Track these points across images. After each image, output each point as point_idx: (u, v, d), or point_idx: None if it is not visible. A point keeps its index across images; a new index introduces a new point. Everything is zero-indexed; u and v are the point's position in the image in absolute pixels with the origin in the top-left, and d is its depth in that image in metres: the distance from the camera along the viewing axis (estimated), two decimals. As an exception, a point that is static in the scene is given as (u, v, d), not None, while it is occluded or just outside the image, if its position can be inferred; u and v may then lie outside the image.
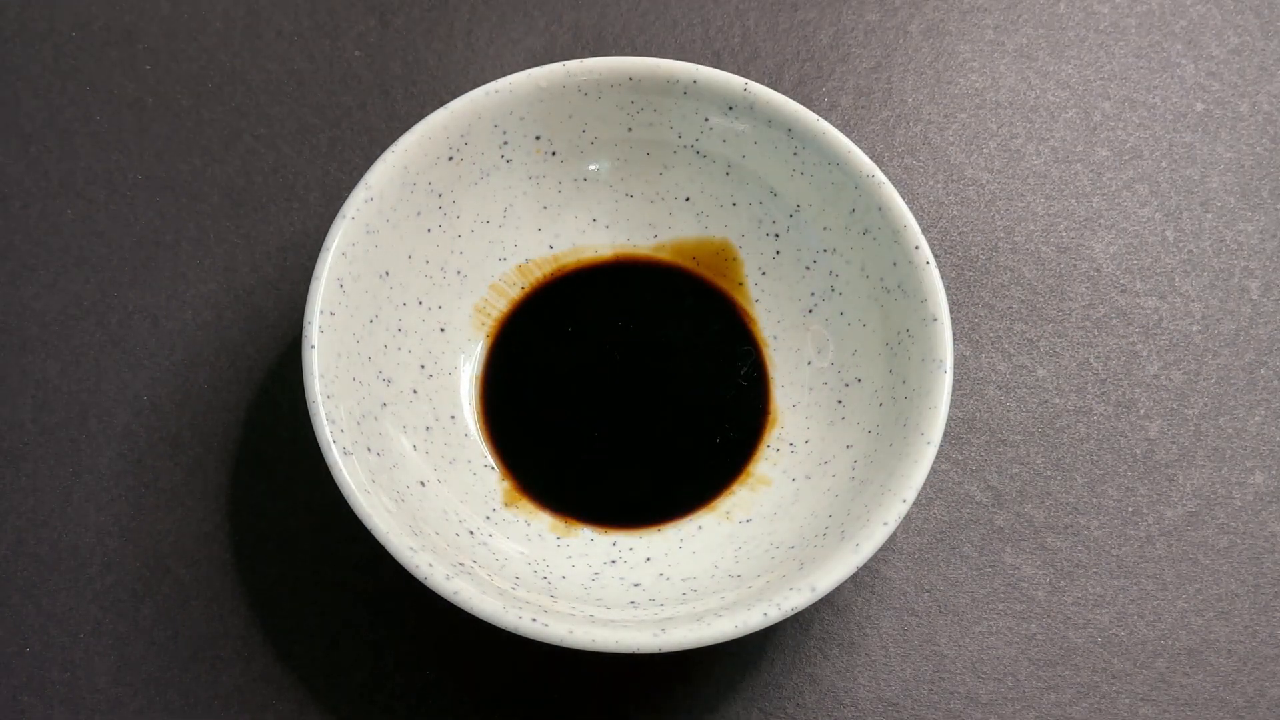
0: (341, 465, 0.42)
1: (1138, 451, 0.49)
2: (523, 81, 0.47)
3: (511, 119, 0.47)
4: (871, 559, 0.45)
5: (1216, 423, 0.49)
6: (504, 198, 0.49)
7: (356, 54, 0.54)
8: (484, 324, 0.49)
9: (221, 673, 0.46)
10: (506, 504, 0.46)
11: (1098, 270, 0.51)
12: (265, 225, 0.52)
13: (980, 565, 0.47)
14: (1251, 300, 0.51)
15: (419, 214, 0.47)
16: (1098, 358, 0.50)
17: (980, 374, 0.50)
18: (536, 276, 0.49)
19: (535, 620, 0.41)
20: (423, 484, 0.45)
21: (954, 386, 0.48)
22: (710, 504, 0.47)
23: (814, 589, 0.41)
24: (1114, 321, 0.51)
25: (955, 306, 0.51)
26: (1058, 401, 0.50)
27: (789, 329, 0.48)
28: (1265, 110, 0.55)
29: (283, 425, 0.49)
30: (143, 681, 0.46)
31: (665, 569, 0.45)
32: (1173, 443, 0.49)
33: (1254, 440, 0.49)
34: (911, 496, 0.42)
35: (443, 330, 0.48)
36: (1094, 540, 0.48)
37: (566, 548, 0.46)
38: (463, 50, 0.54)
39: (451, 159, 0.47)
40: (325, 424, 0.42)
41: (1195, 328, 0.51)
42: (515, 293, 0.49)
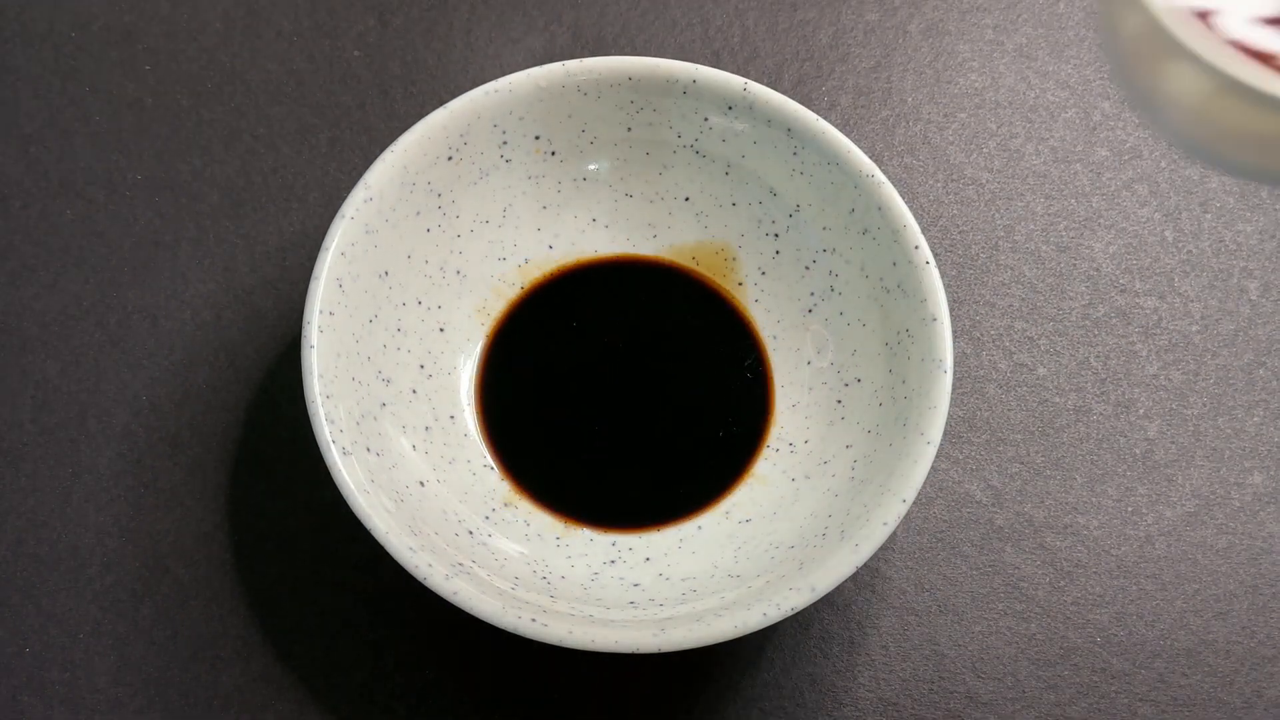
0: (341, 465, 0.42)
1: (1137, 451, 0.49)
2: (522, 81, 0.47)
3: (511, 119, 0.47)
4: (871, 559, 0.45)
5: (1215, 423, 0.49)
6: (503, 198, 0.49)
7: (356, 54, 0.54)
8: (483, 324, 0.49)
9: (221, 673, 0.46)
10: (506, 504, 0.46)
11: (1097, 270, 0.51)
12: (265, 225, 0.52)
13: (980, 565, 0.47)
14: (1251, 301, 0.51)
15: (418, 214, 0.47)
16: (1097, 357, 0.50)
17: (981, 372, 0.50)
18: (536, 276, 0.49)
19: (535, 620, 0.41)
20: (422, 484, 0.45)
21: (954, 385, 0.48)
22: (710, 504, 0.47)
23: (814, 589, 0.41)
24: (1113, 321, 0.51)
25: (955, 304, 0.51)
26: (1058, 401, 0.50)
27: (789, 329, 0.48)
28: (1265, 110, 0.55)
29: (282, 425, 0.49)
30: (142, 681, 0.46)
31: (665, 569, 0.45)
32: (1172, 443, 0.49)
33: (1253, 441, 0.49)
34: (911, 496, 0.42)
35: (442, 330, 0.48)
36: (1094, 540, 0.48)
37: (566, 548, 0.46)
38: (462, 50, 0.54)
39: (451, 159, 0.47)
40: (324, 424, 0.42)
41: (1194, 328, 0.51)
42: (514, 293, 0.49)
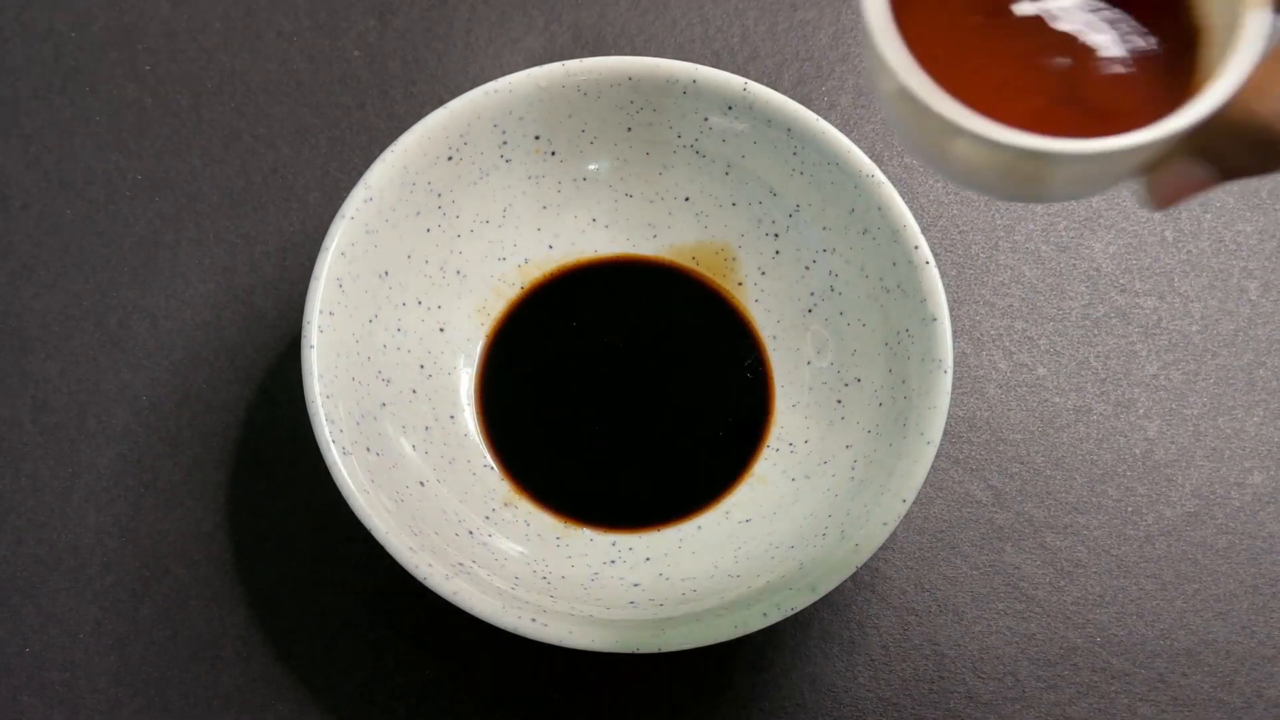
0: (341, 465, 0.42)
1: (1137, 451, 0.49)
2: (522, 81, 0.47)
3: (511, 119, 0.47)
4: (871, 558, 0.45)
5: (1215, 423, 0.49)
6: (503, 198, 0.49)
7: (356, 54, 0.54)
8: (483, 324, 0.49)
9: (221, 673, 0.46)
10: (506, 504, 0.46)
11: (1097, 270, 0.51)
12: (264, 225, 0.52)
13: (980, 564, 0.47)
14: (1250, 300, 0.51)
15: (418, 214, 0.47)
16: (1097, 357, 0.50)
17: (981, 372, 0.50)
18: (536, 276, 0.49)
19: (535, 620, 0.41)
20: (422, 484, 0.45)
21: (954, 385, 0.48)
22: (710, 504, 0.47)
23: (814, 589, 0.41)
24: (1113, 321, 0.51)
25: (955, 304, 0.51)
26: (1058, 400, 0.50)
27: (788, 329, 0.48)
28: (1265, 110, 0.55)
29: (282, 425, 0.49)
30: (142, 681, 0.46)
31: (665, 569, 0.45)
32: (1172, 443, 0.49)
33: (1253, 440, 0.49)
34: (911, 496, 0.42)
35: (442, 330, 0.48)
36: (1094, 540, 0.48)
37: (566, 548, 0.46)
38: (462, 50, 0.54)
39: (451, 159, 0.47)
40: (324, 424, 0.42)
41: (1194, 328, 0.51)
42: (514, 293, 0.49)
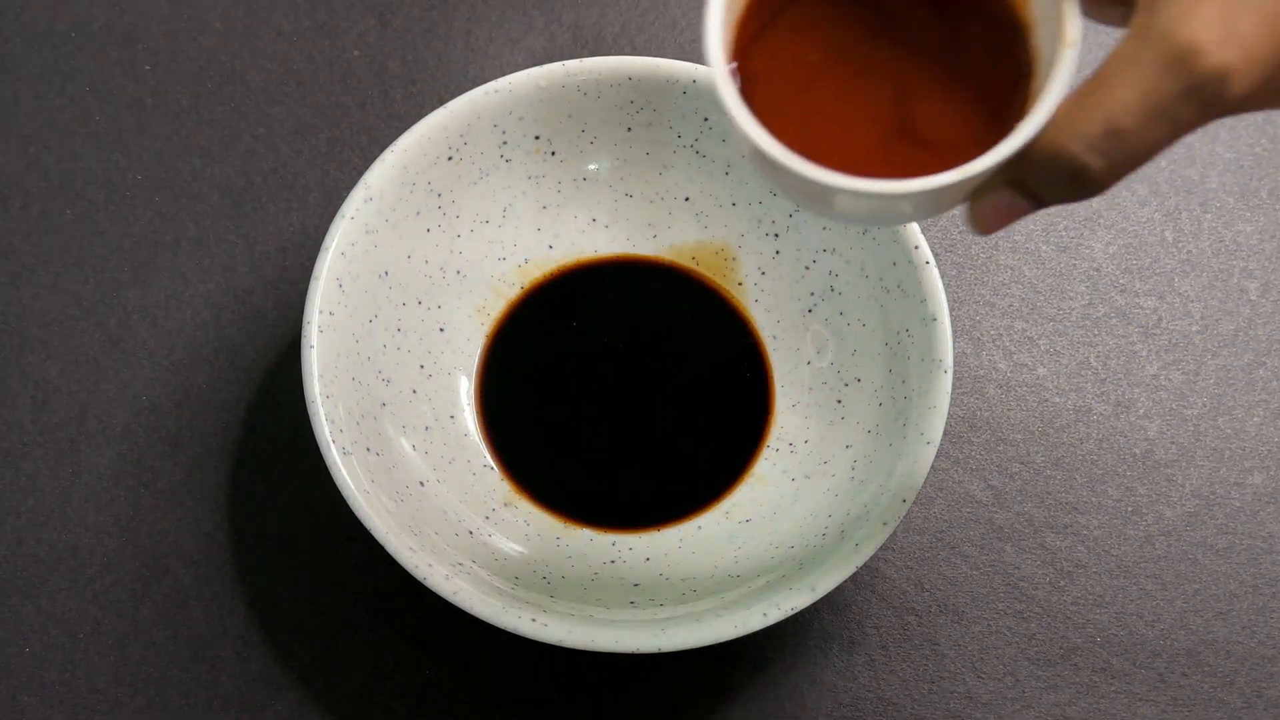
0: (341, 465, 0.42)
1: (1137, 451, 0.49)
2: (522, 81, 0.47)
3: (511, 119, 0.47)
4: (871, 558, 0.45)
5: (1215, 423, 0.49)
6: (503, 198, 0.49)
7: (356, 54, 0.54)
8: (483, 324, 0.49)
9: (221, 673, 0.46)
10: (506, 504, 0.46)
11: (1097, 270, 0.51)
12: (265, 225, 0.52)
13: (980, 564, 0.47)
14: (1250, 301, 0.51)
15: (418, 214, 0.47)
16: (1097, 357, 0.50)
17: (981, 372, 0.50)
18: (536, 276, 0.49)
19: (535, 620, 0.41)
20: (422, 484, 0.45)
21: (954, 385, 0.48)
22: (710, 504, 0.47)
23: (814, 589, 0.41)
24: (1113, 321, 0.51)
25: (955, 304, 0.51)
26: (1058, 400, 0.50)
27: (789, 329, 0.48)
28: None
29: (282, 425, 0.49)
30: (142, 681, 0.46)
31: (665, 569, 0.45)
32: (1172, 443, 0.49)
33: (1253, 441, 0.49)
34: (911, 496, 0.42)
35: (442, 330, 0.48)
36: (1094, 540, 0.48)
37: (566, 548, 0.46)
38: (462, 50, 0.54)
39: (451, 159, 0.47)
40: (324, 424, 0.42)
41: (1194, 328, 0.51)
42: (514, 293, 0.49)
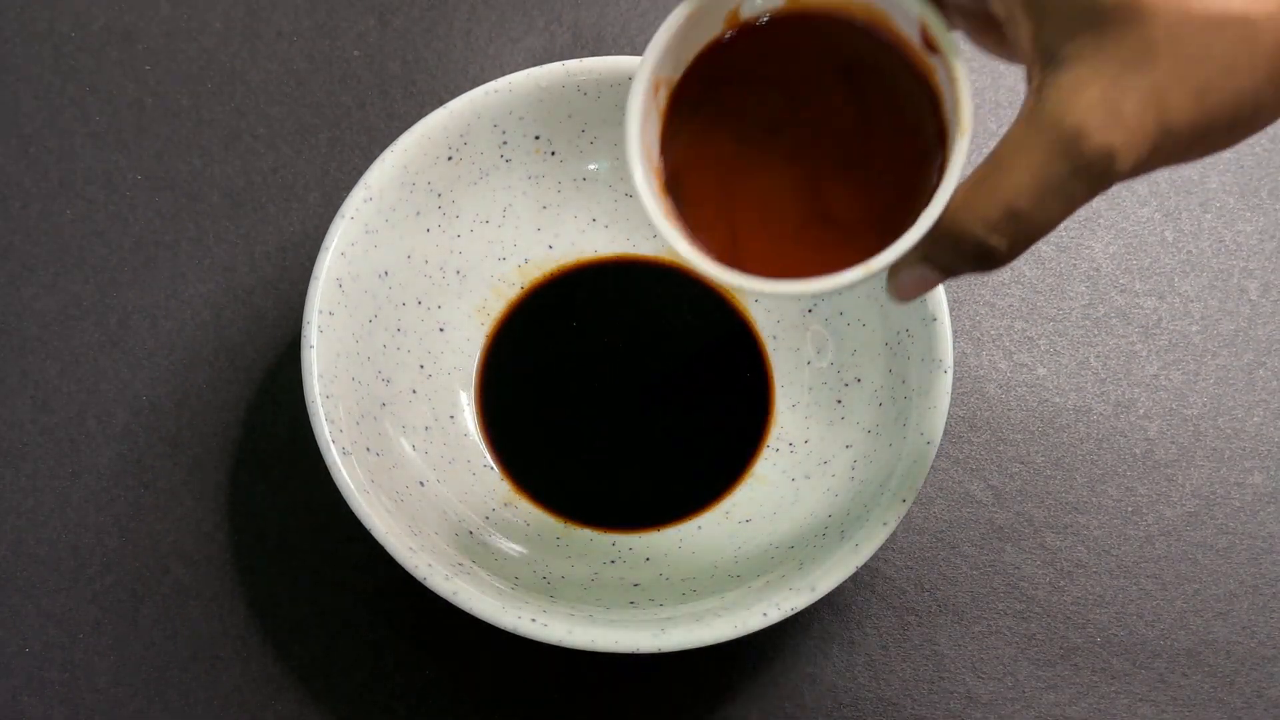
0: (341, 465, 0.42)
1: (1137, 451, 0.49)
2: (522, 81, 0.47)
3: (511, 119, 0.47)
4: (871, 558, 0.45)
5: (1215, 423, 0.49)
6: (503, 197, 0.49)
7: (356, 54, 0.54)
8: (483, 324, 0.49)
9: (221, 673, 0.46)
10: (506, 504, 0.46)
11: (1097, 270, 0.51)
12: (264, 225, 0.52)
13: (980, 564, 0.47)
14: (1250, 301, 0.51)
15: (418, 214, 0.47)
16: (1097, 357, 0.50)
17: (981, 372, 0.50)
18: (536, 276, 0.49)
19: (535, 620, 0.41)
20: (422, 484, 0.45)
21: (954, 385, 0.48)
22: (710, 504, 0.47)
23: (814, 589, 0.41)
24: (1113, 321, 0.51)
25: (956, 304, 0.51)
26: (1058, 400, 0.50)
27: (789, 329, 0.48)
28: (1265, 110, 0.55)
29: (282, 425, 0.49)
30: (142, 681, 0.46)
31: (665, 569, 0.45)
32: (1172, 443, 0.49)
33: (1253, 440, 0.49)
34: (911, 496, 0.42)
35: (442, 330, 0.48)
36: (1094, 539, 0.48)
37: (566, 548, 0.46)
38: (462, 50, 0.54)
39: (451, 159, 0.47)
40: (324, 424, 0.42)
41: (1194, 328, 0.51)
42: (514, 292, 0.49)
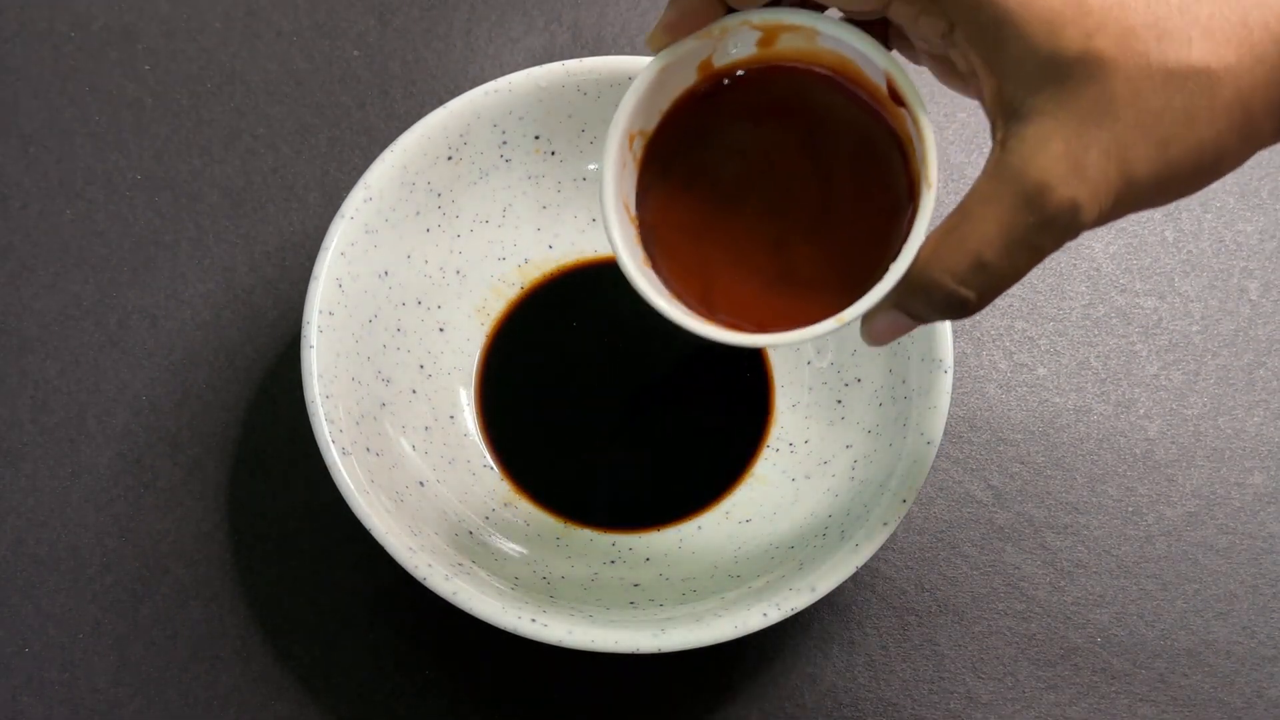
0: (340, 465, 0.42)
1: (1137, 451, 0.49)
2: (522, 81, 0.47)
3: (511, 119, 0.47)
4: (871, 558, 0.45)
5: (1216, 423, 0.49)
6: (503, 197, 0.49)
7: (355, 54, 0.54)
8: (483, 324, 0.49)
9: (221, 673, 0.46)
10: (506, 504, 0.46)
11: (1097, 270, 0.51)
12: (264, 225, 0.52)
13: (981, 564, 0.47)
14: (1250, 301, 0.51)
15: (418, 214, 0.47)
16: (1098, 357, 0.50)
17: (981, 371, 0.50)
18: (536, 276, 0.49)
19: (534, 620, 0.41)
20: (422, 484, 0.45)
21: (954, 385, 0.48)
22: (710, 504, 0.47)
23: (814, 589, 0.41)
24: (1113, 321, 0.51)
25: (955, 306, 0.51)
26: (1058, 400, 0.50)
27: (788, 329, 0.48)
28: (1265, 110, 0.55)
29: (282, 425, 0.49)
30: (142, 681, 0.46)
31: (665, 569, 0.45)
32: (1172, 443, 0.49)
33: (1253, 441, 0.49)
34: (911, 497, 0.42)
35: (442, 330, 0.48)
36: (1094, 539, 0.48)
37: (566, 548, 0.46)
38: (462, 50, 0.54)
39: (451, 159, 0.47)
40: (324, 424, 0.42)
41: (1195, 328, 0.51)
42: (514, 293, 0.49)
